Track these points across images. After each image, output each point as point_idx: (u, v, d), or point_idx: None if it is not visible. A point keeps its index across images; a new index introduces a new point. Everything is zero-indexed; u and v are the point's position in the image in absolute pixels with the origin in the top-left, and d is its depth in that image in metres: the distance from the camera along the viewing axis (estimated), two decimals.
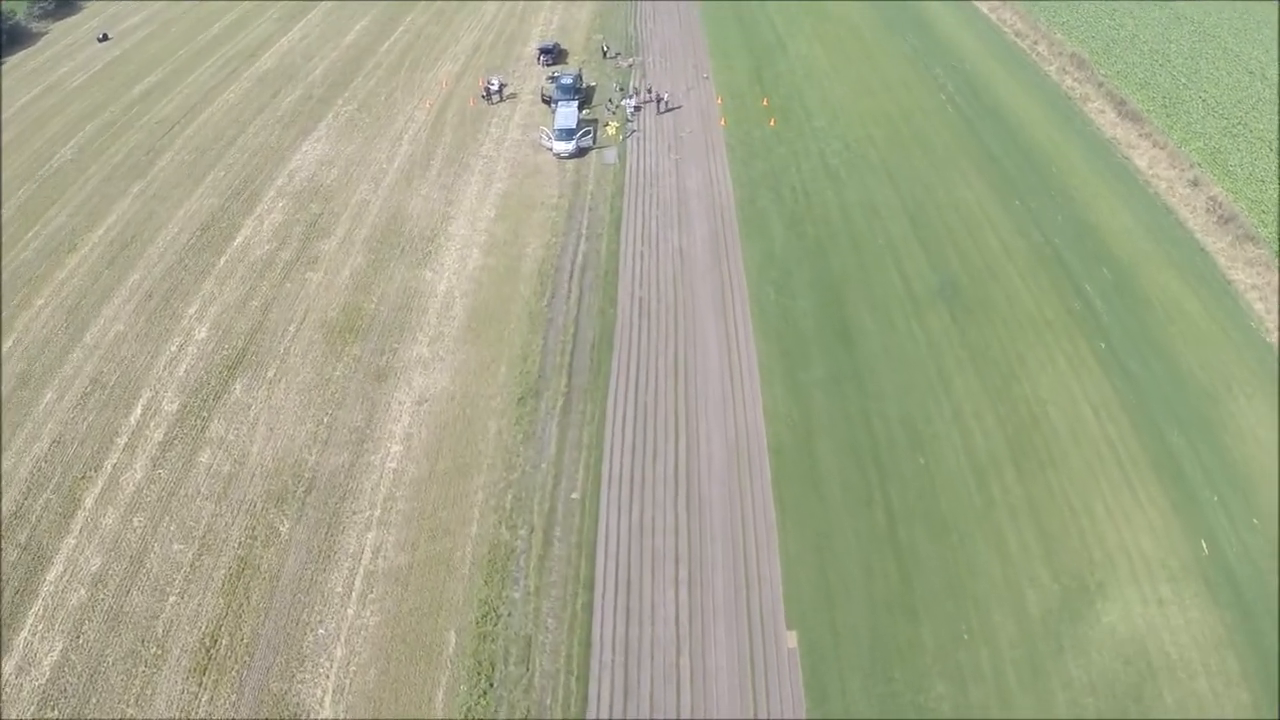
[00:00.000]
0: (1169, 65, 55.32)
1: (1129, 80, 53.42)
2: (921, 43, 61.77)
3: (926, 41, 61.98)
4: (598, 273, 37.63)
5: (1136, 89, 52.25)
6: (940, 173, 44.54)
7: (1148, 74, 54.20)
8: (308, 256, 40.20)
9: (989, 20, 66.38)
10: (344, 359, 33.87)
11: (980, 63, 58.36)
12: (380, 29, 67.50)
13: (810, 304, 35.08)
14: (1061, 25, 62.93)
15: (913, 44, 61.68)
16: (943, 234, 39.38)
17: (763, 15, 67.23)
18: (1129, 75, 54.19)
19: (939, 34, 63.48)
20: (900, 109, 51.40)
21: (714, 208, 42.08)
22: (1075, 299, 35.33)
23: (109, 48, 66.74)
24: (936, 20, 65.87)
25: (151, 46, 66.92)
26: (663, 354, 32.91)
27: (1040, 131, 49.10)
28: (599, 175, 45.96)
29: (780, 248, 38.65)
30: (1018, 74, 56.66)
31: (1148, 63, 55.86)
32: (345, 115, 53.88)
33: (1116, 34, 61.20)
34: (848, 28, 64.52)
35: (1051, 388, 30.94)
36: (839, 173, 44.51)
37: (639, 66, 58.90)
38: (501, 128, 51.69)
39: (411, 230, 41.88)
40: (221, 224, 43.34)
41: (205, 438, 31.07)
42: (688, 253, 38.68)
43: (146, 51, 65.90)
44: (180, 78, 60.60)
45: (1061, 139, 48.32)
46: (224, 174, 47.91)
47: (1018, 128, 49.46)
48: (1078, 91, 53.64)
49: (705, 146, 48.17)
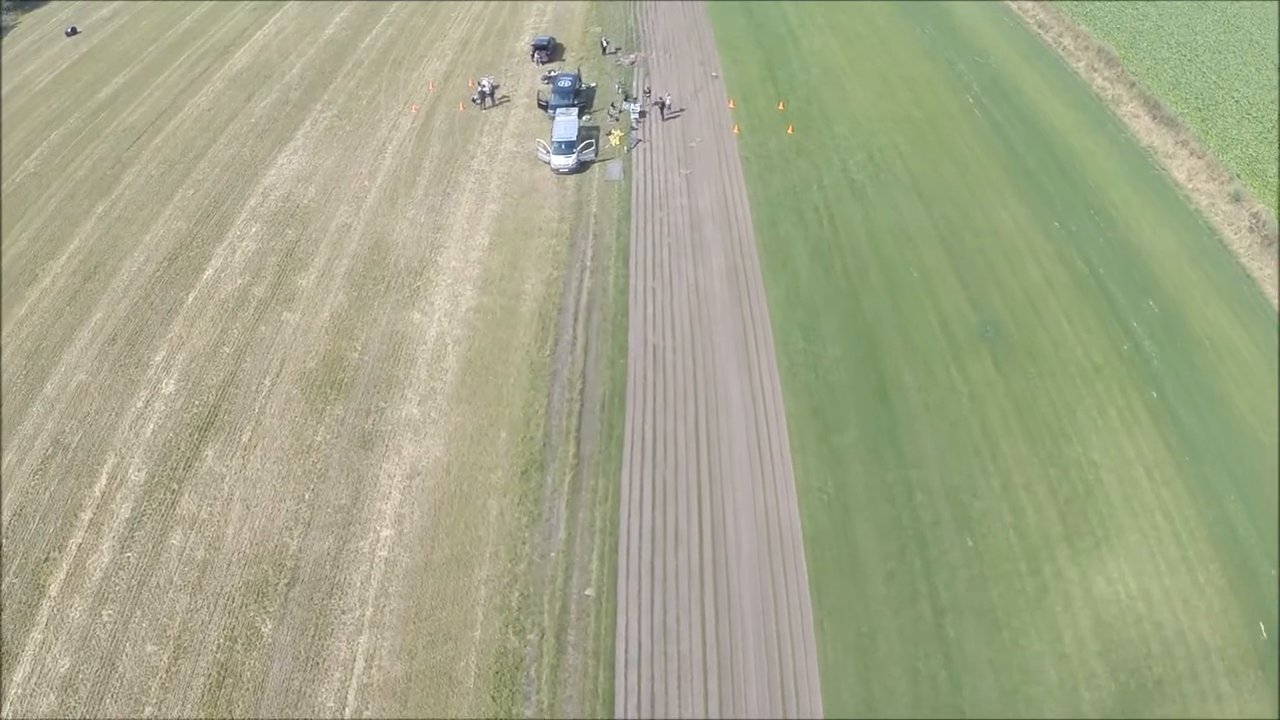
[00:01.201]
0: (1197, 61, 52.18)
1: (1160, 79, 50.17)
2: (940, 34, 57.83)
3: (945, 32, 58.03)
4: (605, 314, 34.17)
5: (1168, 89, 49.09)
6: (973, 189, 41.22)
7: (1178, 72, 51.02)
8: (284, 293, 36.64)
9: (1009, 8, 62.34)
10: (325, 421, 30.63)
11: (1004, 58, 54.60)
12: (361, 21, 62.73)
13: (841, 351, 31.96)
14: (1085, 15, 59.06)
15: (931, 35, 57.74)
16: (981, 264, 36.24)
17: (772, 5, 62.80)
18: (1159, 73, 50.89)
19: (957, 23, 59.47)
20: (925, 113, 47.80)
21: (731, 233, 38.53)
22: (1123, 339, 32.85)
23: (77, 43, 62.33)
24: (953, 7, 61.76)
25: (121, 42, 62.19)
26: (681, 414, 29.80)
27: (1075, 140, 45.77)
28: (602, 194, 42.27)
29: (806, 283, 35.30)
30: (1045, 71, 53.01)
31: (1176, 59, 52.60)
32: (324, 122, 49.80)
33: (1141, 25, 57.47)
34: (862, 16, 60.40)
35: (1103, 448, 28.59)
36: (865, 190, 41.07)
37: (642, 63, 54.63)
38: (494, 137, 47.73)
39: (397, 261, 38.24)
40: (190, 252, 39.63)
41: (176, 515, 28.00)
42: (704, 289, 35.23)
43: (115, 47, 61.26)
44: (149, 78, 56.13)
45: (1097, 148, 45.07)
46: (193, 192, 43.98)
47: (1050, 135, 46.10)
48: (1109, 93, 50.18)
49: (718, 158, 44.42)
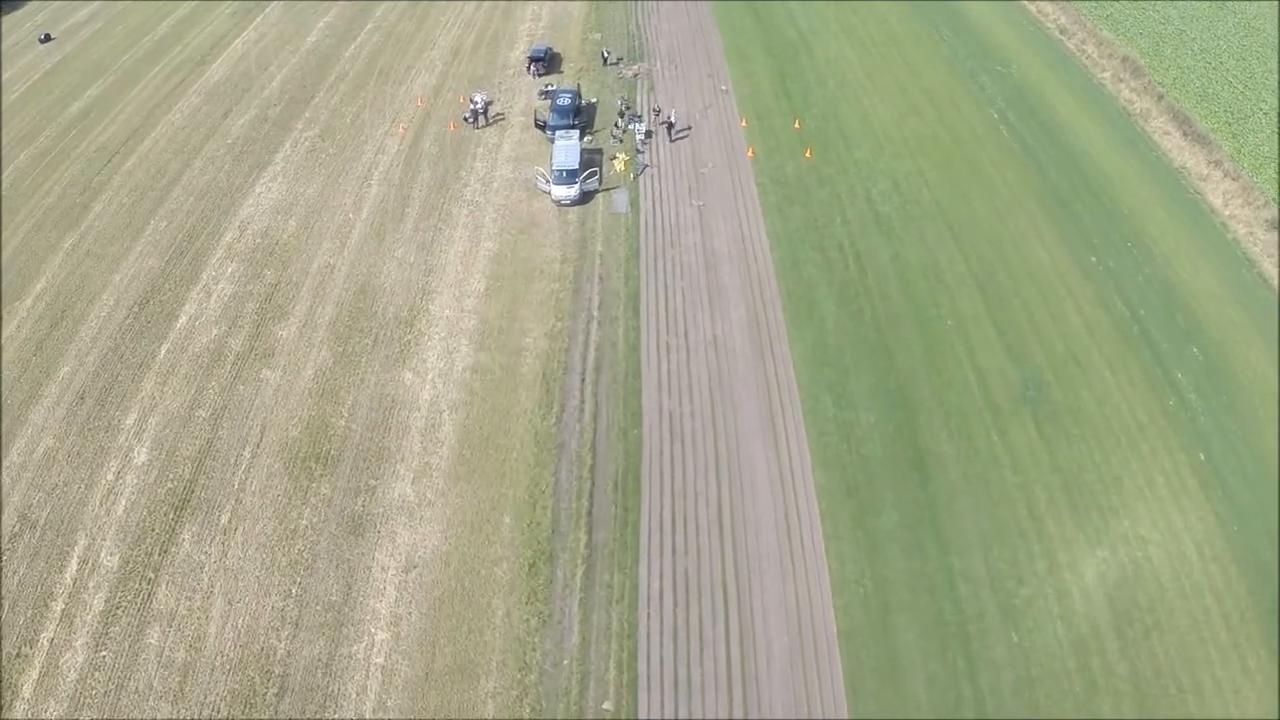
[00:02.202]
0: (1222, 69, 49.94)
1: (1187, 90, 47.82)
2: (958, 40, 54.88)
3: (963, 38, 55.07)
4: (616, 374, 31.48)
5: (1196, 101, 46.77)
6: (1006, 220, 38.62)
7: (1204, 81, 48.71)
8: (263, 347, 33.82)
9: (1025, 9, 59.30)
10: (311, 501, 28.05)
11: (1028, 67, 51.77)
12: (346, 27, 59.22)
13: (875, 417, 29.50)
14: (1106, 19, 56.25)
15: (949, 41, 54.79)
16: (1018, 309, 33.76)
17: (780, 6, 59.54)
18: (1186, 83, 48.52)
19: (975, 28, 56.48)
20: (950, 132, 45.01)
21: (750, 277, 35.75)
22: (1168, 393, 30.72)
23: (51, 50, 58.99)
24: (970, 10, 58.69)
25: (95, 49, 58.76)
26: (703, 494, 27.35)
27: (1106, 161, 43.20)
28: (608, 229, 39.31)
29: (834, 335, 32.70)
30: (1070, 82, 50.28)
31: (1201, 66, 50.30)
32: (305, 144, 46.62)
33: (1163, 29, 54.79)
34: (875, 20, 57.31)
35: (1152, 522, 26.58)
36: (892, 223, 38.37)
37: (645, 76, 51.43)
38: (488, 161, 44.61)
39: (385, 309, 35.35)
40: (163, 296, 36.71)
41: (153, 609, 25.53)
42: (724, 344, 32.54)
43: (90, 56, 57.86)
44: (123, 91, 52.85)
45: (1129, 170, 42.55)
46: (165, 224, 40.92)
47: (1081, 156, 43.50)
48: (1137, 106, 47.58)
49: (732, 187, 41.51)
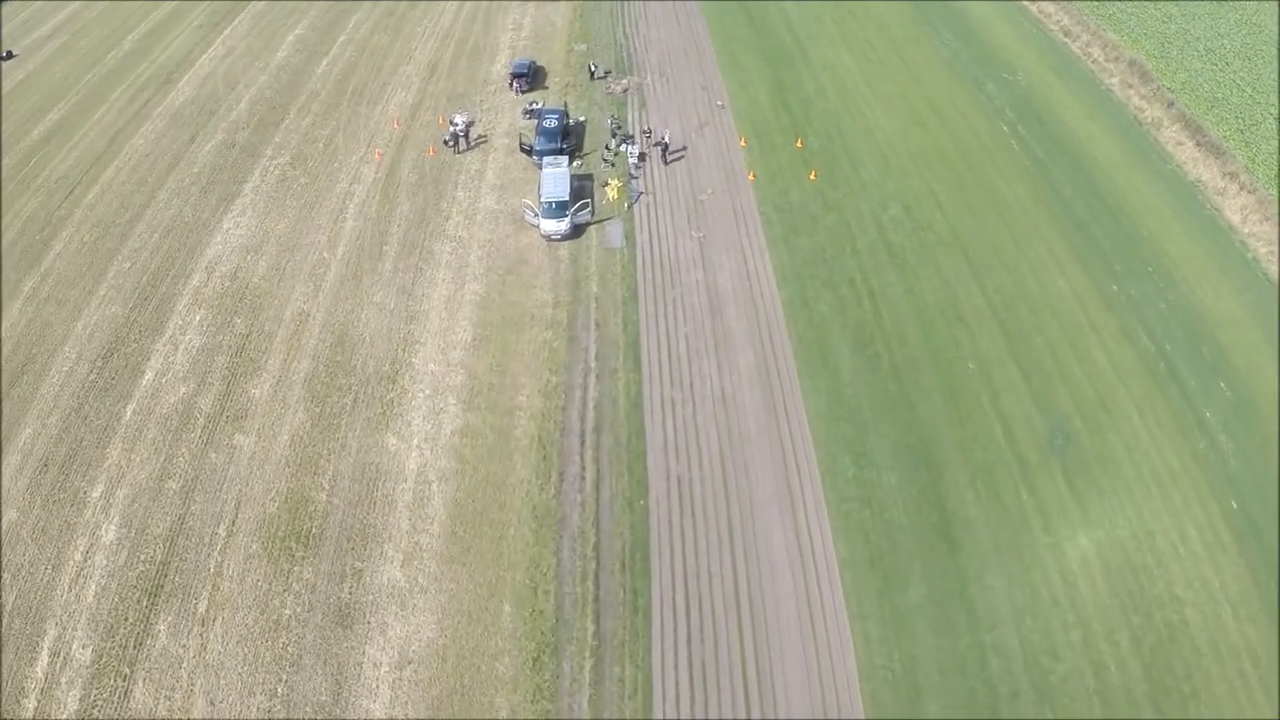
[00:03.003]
0: (1229, 70, 48.47)
1: (1197, 96, 46.25)
2: (960, 44, 52.80)
3: (965, 41, 52.99)
4: (617, 436, 29.18)
5: (1207, 108, 45.23)
6: (1023, 246, 36.70)
7: (1213, 85, 47.20)
8: (234, 407, 31.31)
9: (1029, 13, 57.20)
10: (294, 587, 25.76)
11: (1034, 73, 49.80)
12: (318, 40, 56.15)
13: (897, 478, 27.54)
14: (1109, 19, 54.40)
15: (950, 45, 52.70)
16: (1042, 349, 31.88)
17: (775, 10, 57.09)
18: (1195, 88, 46.95)
19: (976, 30, 54.40)
20: (958, 147, 42.95)
21: (758, 318, 33.51)
22: (1198, 435, 29.12)
23: (12, 68, 56.01)
24: (970, 11, 56.56)
25: (58, 67, 55.65)
26: (717, 572, 25.27)
27: (1121, 176, 41.39)
28: (603, 265, 36.88)
29: (850, 385, 30.58)
30: (1078, 89, 48.39)
31: (1209, 69, 48.77)
32: (275, 172, 43.79)
33: (1166, 29, 53.13)
34: (873, 22, 55.04)
35: (1187, 579, 25.08)
36: (905, 253, 36.31)
37: (636, 90, 48.87)
38: (471, 191, 41.88)
39: (365, 364, 32.76)
40: (127, 348, 34.06)
41: (130, 709, 23.31)
42: (733, 398, 30.31)
43: (52, 74, 54.77)
44: (85, 114, 49.86)
45: (1144, 185, 40.79)
46: (129, 265, 38.15)
47: (1095, 171, 41.68)
48: (1148, 115, 45.81)
49: (734, 216, 39.16)
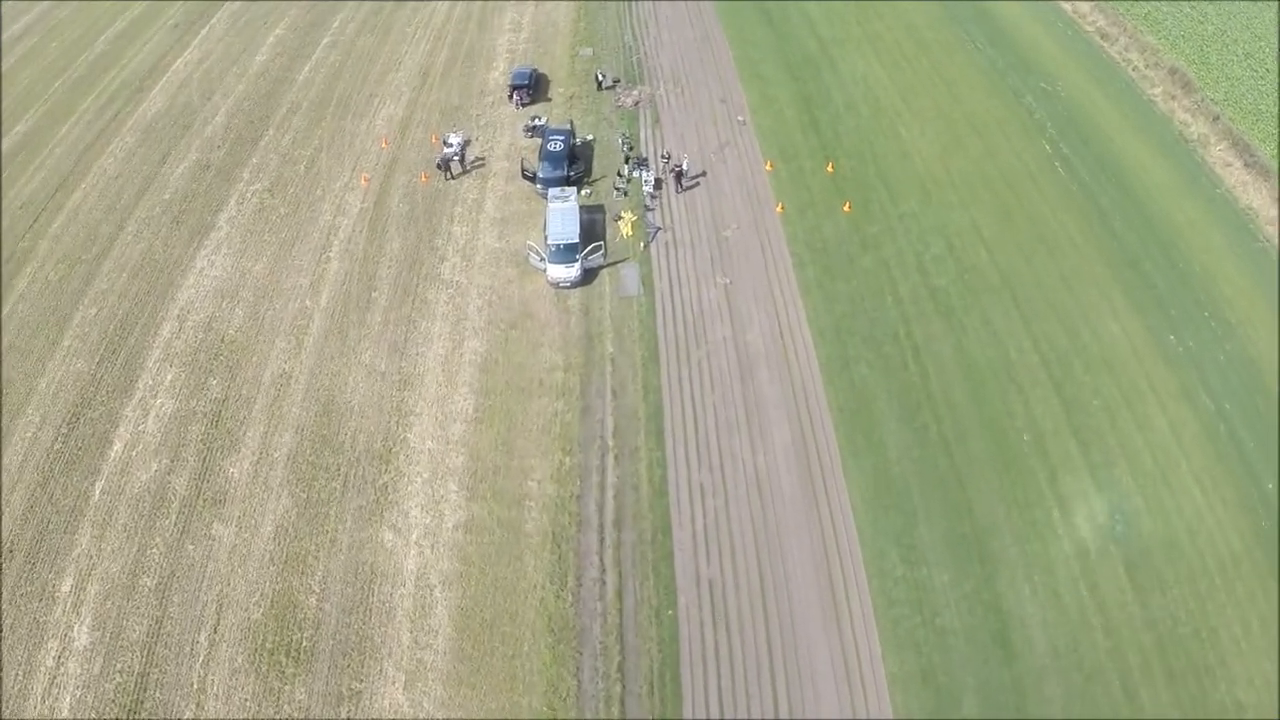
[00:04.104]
0: (1270, 79, 45.40)
1: (1240, 108, 43.32)
2: (995, 49, 49.20)
3: (1000, 46, 49.40)
4: (641, 530, 25.88)
5: (1251, 121, 42.35)
6: (1074, 289, 33.71)
7: (1255, 95, 44.20)
8: (211, 489, 27.93)
9: (1063, 12, 53.40)
10: (285, 708, 22.76)
11: (1073, 82, 46.41)
12: (300, 42, 51.72)
13: (949, 575, 24.77)
14: (1145, 19, 50.94)
15: (984, 50, 49.10)
16: (1099, 414, 29.07)
17: (795, 9, 53.06)
18: (1238, 100, 43.98)
19: (1010, 33, 50.77)
20: (1001, 171, 39.68)
21: (793, 384, 30.09)
22: (1261, 513, 26.50)
23: None
24: (1003, 12, 52.74)
25: (27, 72, 51.34)
26: (755, 696, 22.20)
27: (1171, 203, 38.45)
28: (617, 318, 33.08)
29: (896, 462, 27.55)
30: (1120, 101, 45.17)
31: (1250, 77, 45.75)
32: (252, 200, 39.89)
33: (1204, 30, 49.93)
34: (902, 25, 51.22)
35: (1248, 681, 22.85)
36: (950, 300, 33.23)
37: (648, 103, 44.98)
38: (468, 225, 37.90)
39: (354, 439, 29.13)
40: (93, 413, 30.70)
41: None
42: (768, 482, 27.08)
43: (20, 81, 50.51)
44: (53, 127, 45.81)
45: (1195, 214, 37.88)
46: (95, 311, 34.59)
47: (1144, 198, 38.70)
48: (1193, 130, 42.87)
49: (762, 256, 35.58)
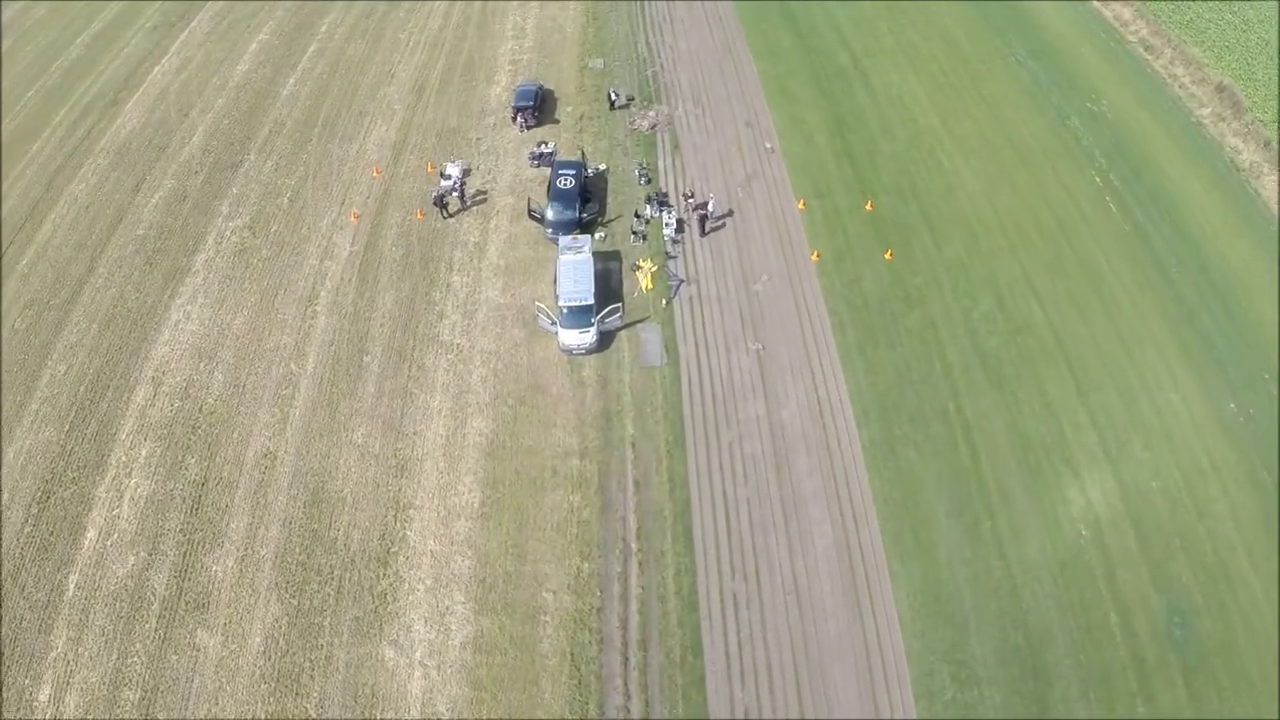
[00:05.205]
0: None
1: None
2: (1037, 62, 46.03)
3: (1042, 60, 46.21)
4: (669, 651, 23.27)
5: None
6: (1132, 352, 31.19)
7: None
8: (194, 590, 25.23)
9: (1103, 17, 49.88)
10: None
11: (1119, 103, 43.39)
12: (285, 48, 47.79)
13: (1002, 695, 22.65)
14: (1187, 27, 47.67)
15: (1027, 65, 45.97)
16: (1160, 501, 26.77)
17: (822, 15, 49.31)
18: None
19: (1051, 42, 47.49)
20: (1051, 209, 36.84)
21: (834, 473, 27.17)
22: None
23: None
24: (1042, 18, 49.23)
25: None
26: None
27: (1226, 244, 35.96)
28: (639, 392, 29.78)
29: (947, 564, 25.09)
30: (1168, 123, 42.33)
31: None
32: (232, 238, 36.59)
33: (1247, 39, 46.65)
34: (938, 35, 47.71)
35: None
36: (1001, 366, 30.57)
37: (665, 124, 41.29)
38: (469, 274, 34.42)
39: (348, 536, 26.24)
40: (65, 490, 27.94)
41: None
42: (808, 592, 24.51)
43: None
44: (24, 143, 42.45)
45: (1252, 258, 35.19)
46: (64, 370, 31.59)
47: (1199, 238, 36.21)
48: (1245, 159, 40.30)
49: (797, 315, 32.32)
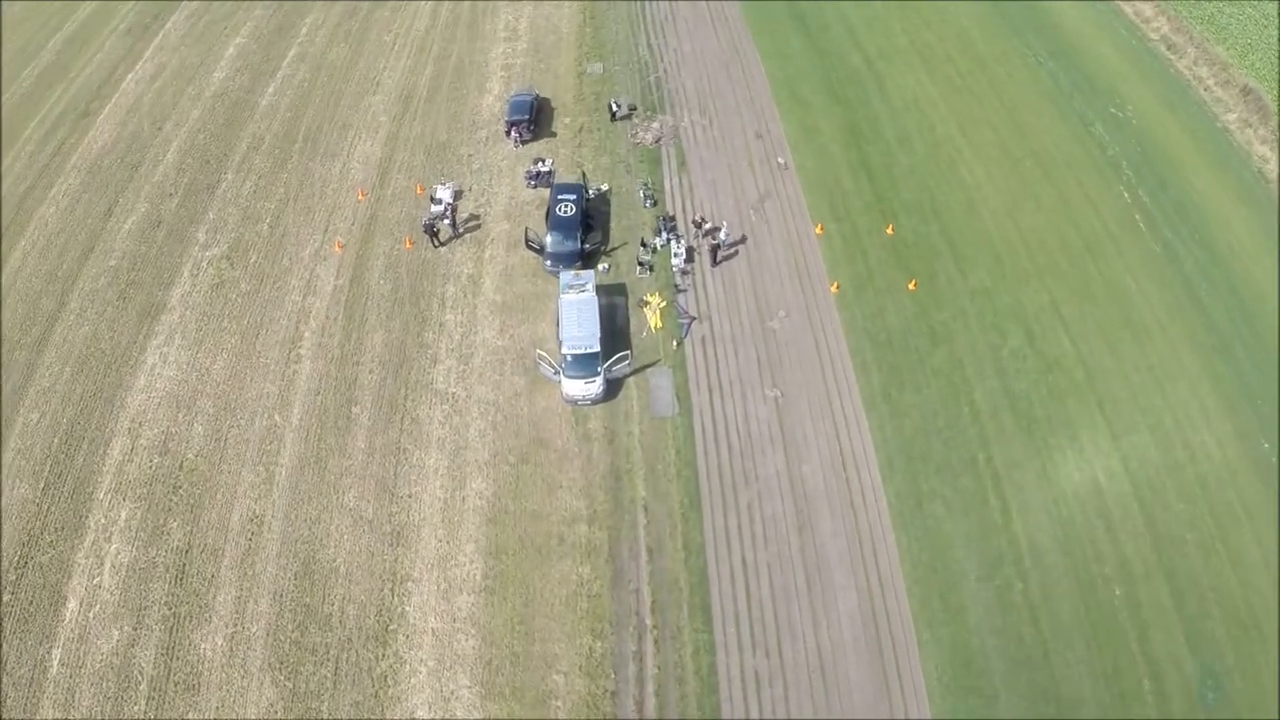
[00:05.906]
0: None
1: None
2: (1057, 64, 44.10)
3: (1062, 61, 44.26)
4: None
5: None
6: (1166, 392, 29.82)
7: None
8: (182, 670, 23.59)
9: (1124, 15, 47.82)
10: None
11: (1144, 108, 41.68)
12: (264, 53, 44.88)
13: None
14: (1209, 21, 45.89)
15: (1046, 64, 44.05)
16: (1194, 553, 25.59)
17: (833, 13, 46.87)
18: None
19: (1072, 42, 45.48)
20: (1079, 230, 35.14)
21: (859, 533, 25.76)
22: None
23: None
24: (1062, 17, 47.08)
25: None
26: None
27: (1257, 266, 34.58)
28: (649, 447, 27.76)
29: (976, 631, 23.76)
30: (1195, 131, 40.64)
31: None
32: (209, 270, 34.27)
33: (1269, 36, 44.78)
34: (954, 35, 45.48)
35: None
36: (1032, 409, 29.05)
37: (670, 136, 38.99)
38: (464, 312, 32.20)
39: (343, 611, 24.40)
40: (43, 556, 26.14)
41: None
42: (833, 667, 23.16)
43: None
44: None
45: None
46: (37, 418, 29.55)
47: (1228, 257, 34.88)
48: (1273, 169, 38.85)
49: (817, 355, 30.45)
